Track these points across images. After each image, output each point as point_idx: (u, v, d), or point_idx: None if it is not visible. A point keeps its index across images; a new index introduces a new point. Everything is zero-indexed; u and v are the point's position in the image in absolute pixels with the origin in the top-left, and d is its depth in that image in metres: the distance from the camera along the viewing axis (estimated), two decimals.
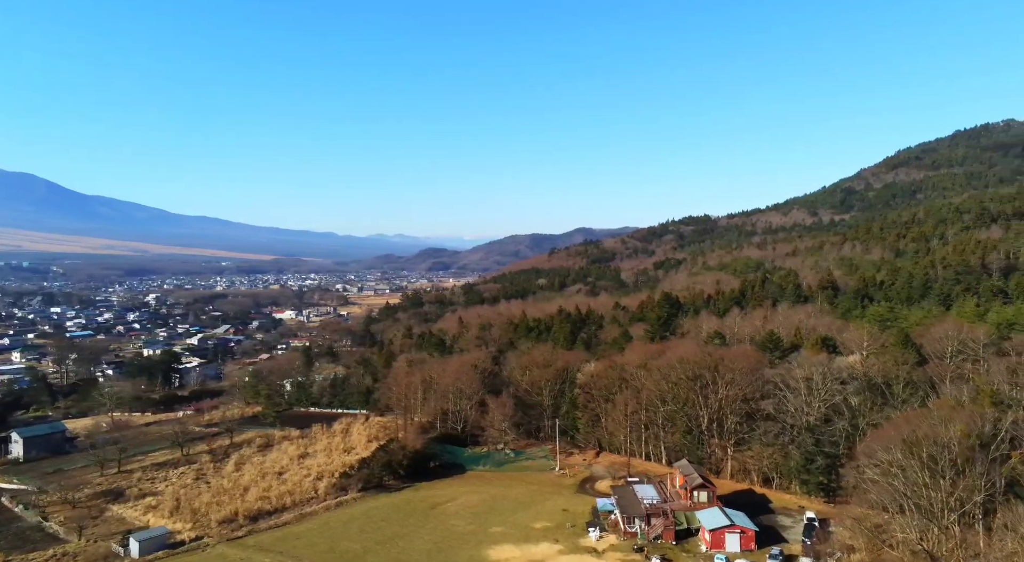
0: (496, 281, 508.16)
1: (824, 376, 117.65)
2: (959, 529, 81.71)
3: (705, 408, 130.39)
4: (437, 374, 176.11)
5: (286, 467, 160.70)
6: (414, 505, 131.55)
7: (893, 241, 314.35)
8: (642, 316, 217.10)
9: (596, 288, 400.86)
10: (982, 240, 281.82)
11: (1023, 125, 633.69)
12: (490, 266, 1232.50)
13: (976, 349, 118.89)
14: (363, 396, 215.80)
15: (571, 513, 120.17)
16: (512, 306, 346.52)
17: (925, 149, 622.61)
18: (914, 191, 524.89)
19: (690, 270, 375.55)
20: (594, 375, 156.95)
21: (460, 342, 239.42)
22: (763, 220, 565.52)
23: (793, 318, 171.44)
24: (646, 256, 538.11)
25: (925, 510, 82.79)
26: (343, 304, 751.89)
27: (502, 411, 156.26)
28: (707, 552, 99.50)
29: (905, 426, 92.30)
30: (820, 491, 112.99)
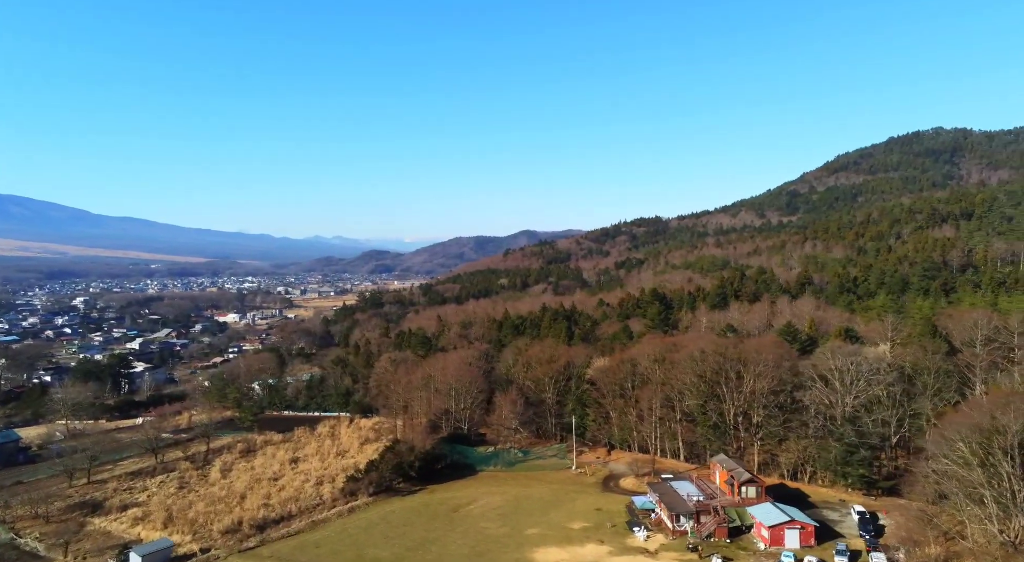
0: (454, 281, 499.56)
1: (858, 366, 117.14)
2: None
3: (731, 401, 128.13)
4: (437, 372, 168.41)
5: (279, 472, 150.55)
6: (433, 508, 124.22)
7: (852, 239, 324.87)
8: (632, 312, 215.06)
9: (559, 287, 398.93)
10: (939, 238, 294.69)
11: (950, 133, 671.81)
12: (434, 269, 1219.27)
13: (1010, 337, 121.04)
14: (342, 397, 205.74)
15: (606, 512, 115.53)
16: (479, 305, 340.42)
17: (863, 154, 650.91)
18: (855, 194, 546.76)
19: (655, 268, 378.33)
20: (604, 370, 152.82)
21: (441, 340, 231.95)
22: (713, 221, 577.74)
23: (799, 311, 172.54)
24: (601, 256, 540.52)
25: (1008, 500, 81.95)
26: (288, 307, 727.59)
27: (511, 409, 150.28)
28: (766, 549, 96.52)
29: (968, 416, 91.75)
30: (862, 484, 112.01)
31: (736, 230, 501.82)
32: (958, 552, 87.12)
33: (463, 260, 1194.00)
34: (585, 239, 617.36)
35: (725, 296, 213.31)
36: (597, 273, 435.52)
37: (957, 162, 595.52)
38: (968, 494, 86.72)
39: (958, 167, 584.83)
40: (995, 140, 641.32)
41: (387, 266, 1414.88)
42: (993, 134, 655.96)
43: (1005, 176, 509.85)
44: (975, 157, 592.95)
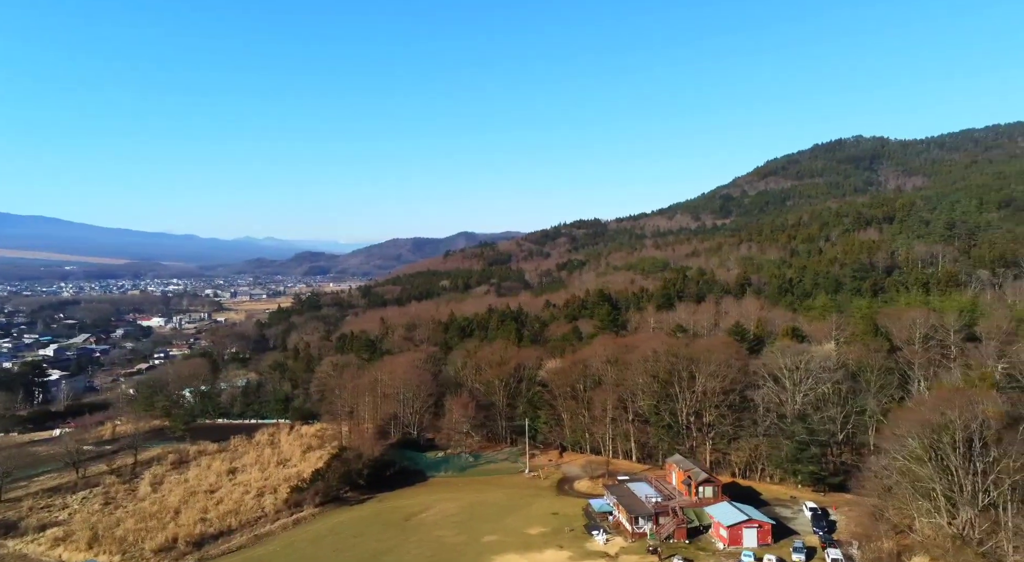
0: (394, 283, 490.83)
1: (807, 365, 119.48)
2: (993, 511, 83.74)
3: (684, 401, 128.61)
4: (384, 376, 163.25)
5: (216, 484, 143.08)
6: (385, 517, 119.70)
7: (785, 242, 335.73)
8: (579, 313, 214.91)
9: (502, 289, 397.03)
10: (865, 241, 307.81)
11: (869, 141, 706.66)
12: (371, 271, 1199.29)
13: (946, 335, 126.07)
14: (282, 404, 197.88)
15: (563, 516, 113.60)
16: (421, 307, 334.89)
17: (790, 160, 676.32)
18: (784, 198, 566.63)
19: (597, 270, 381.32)
20: (556, 372, 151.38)
21: (385, 343, 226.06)
22: (651, 223, 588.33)
23: (744, 310, 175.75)
24: (542, 258, 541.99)
25: (957, 494, 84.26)
26: (217, 310, 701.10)
27: (463, 412, 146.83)
28: (725, 549, 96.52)
29: (916, 412, 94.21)
30: (811, 480, 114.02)
31: (673, 232, 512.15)
32: (909, 546, 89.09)
33: (401, 262, 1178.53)
34: (526, 241, 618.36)
35: (670, 297, 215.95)
36: (539, 274, 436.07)
37: (876, 169, 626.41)
38: (918, 489, 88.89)
39: (877, 173, 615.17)
40: (909, 149, 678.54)
41: (322, 268, 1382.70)
42: (908, 143, 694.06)
43: (919, 183, 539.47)
44: (892, 164, 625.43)
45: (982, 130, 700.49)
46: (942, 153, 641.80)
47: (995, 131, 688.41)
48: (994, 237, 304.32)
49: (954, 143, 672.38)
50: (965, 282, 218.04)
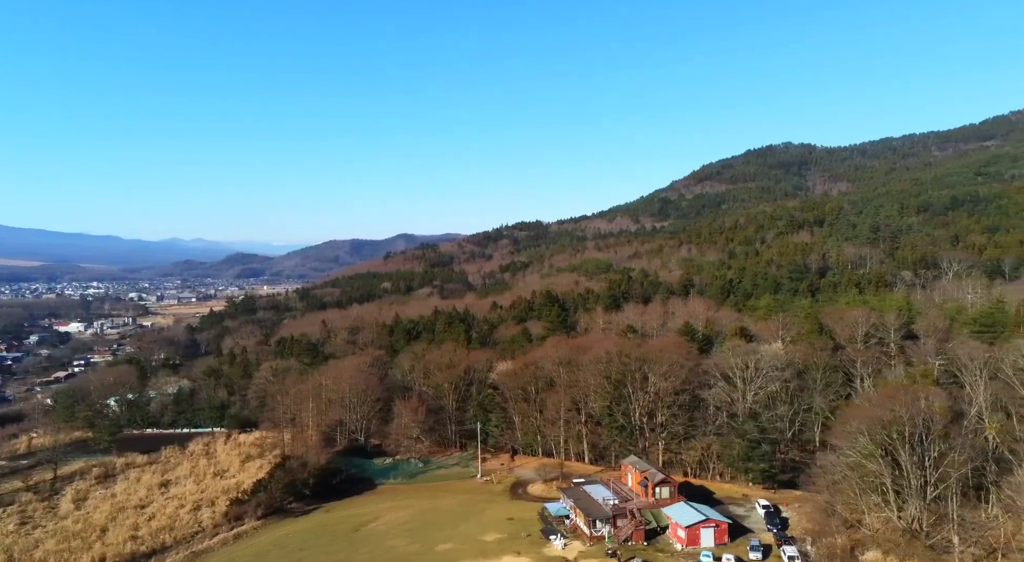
0: (333, 285, 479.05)
1: (757, 364, 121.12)
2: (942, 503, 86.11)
3: (637, 402, 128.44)
4: (328, 381, 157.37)
5: (147, 499, 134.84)
6: (333, 528, 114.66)
7: (723, 243, 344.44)
8: (527, 314, 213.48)
9: (445, 291, 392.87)
10: (798, 243, 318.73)
11: (798, 148, 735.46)
12: (307, 273, 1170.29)
13: (885, 334, 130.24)
14: (217, 411, 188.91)
15: (519, 521, 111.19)
16: (363, 310, 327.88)
17: (725, 165, 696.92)
18: (719, 202, 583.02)
19: (541, 271, 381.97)
20: (508, 374, 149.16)
21: (328, 347, 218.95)
22: (592, 226, 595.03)
23: (691, 311, 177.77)
24: (484, 259, 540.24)
25: (906, 488, 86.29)
26: (143, 314, 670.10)
27: (413, 417, 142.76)
28: (684, 549, 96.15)
29: (865, 409, 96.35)
30: (763, 478, 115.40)
31: (614, 234, 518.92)
32: (860, 540, 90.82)
33: (339, 264, 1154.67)
34: (467, 242, 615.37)
35: (617, 298, 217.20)
36: (483, 276, 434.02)
37: (804, 174, 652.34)
38: (868, 484, 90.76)
39: (805, 179, 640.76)
40: (834, 156, 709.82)
41: (255, 270, 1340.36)
42: (833, 150, 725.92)
43: (844, 188, 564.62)
44: (819, 170, 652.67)
45: (899, 139, 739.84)
46: (864, 160, 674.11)
47: (911, 140, 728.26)
48: (915, 239, 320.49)
49: (875, 151, 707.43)
50: (891, 283, 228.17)
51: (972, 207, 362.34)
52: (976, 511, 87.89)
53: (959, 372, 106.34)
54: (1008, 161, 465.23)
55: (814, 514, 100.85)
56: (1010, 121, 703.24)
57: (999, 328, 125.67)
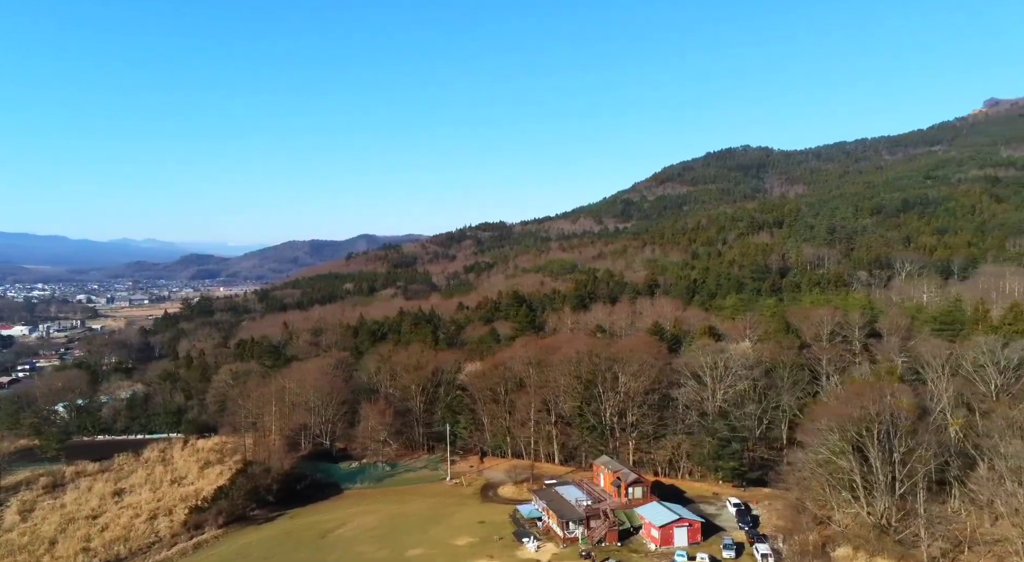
0: (294, 286, 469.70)
1: (727, 362, 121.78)
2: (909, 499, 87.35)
3: (608, 402, 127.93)
4: (292, 383, 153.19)
5: (99, 509, 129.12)
6: (298, 535, 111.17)
7: (686, 244, 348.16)
8: (494, 314, 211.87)
9: (409, 291, 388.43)
10: (759, 244, 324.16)
11: (756, 151, 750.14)
12: (266, 274, 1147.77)
13: (850, 332, 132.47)
14: (174, 416, 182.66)
15: (490, 524, 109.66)
16: (326, 311, 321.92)
17: (685, 167, 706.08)
18: (681, 203, 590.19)
19: (506, 272, 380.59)
20: (477, 375, 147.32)
21: (290, 349, 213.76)
22: (555, 226, 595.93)
23: (659, 310, 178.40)
24: (448, 260, 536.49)
25: (875, 484, 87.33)
26: (92, 317, 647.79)
27: (380, 420, 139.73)
28: (657, 550, 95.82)
29: (835, 407, 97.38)
30: (733, 476, 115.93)
31: (578, 235, 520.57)
32: (831, 536, 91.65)
33: (298, 265, 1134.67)
34: (431, 243, 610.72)
35: (584, 298, 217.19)
36: (447, 277, 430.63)
37: (762, 176, 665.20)
38: (838, 480, 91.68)
39: (763, 181, 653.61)
40: (791, 159, 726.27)
41: (211, 271, 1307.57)
42: (789, 153, 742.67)
43: (800, 190, 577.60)
44: (777, 173, 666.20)
45: (852, 143, 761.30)
46: (819, 163, 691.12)
47: (863, 144, 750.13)
48: (870, 240, 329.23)
49: (829, 154, 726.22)
50: (848, 282, 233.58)
51: (922, 209, 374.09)
52: (943, 506, 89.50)
53: (922, 369, 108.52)
54: (954, 165, 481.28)
55: (784, 511, 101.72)
56: (955, 127, 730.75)
57: (958, 326, 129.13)
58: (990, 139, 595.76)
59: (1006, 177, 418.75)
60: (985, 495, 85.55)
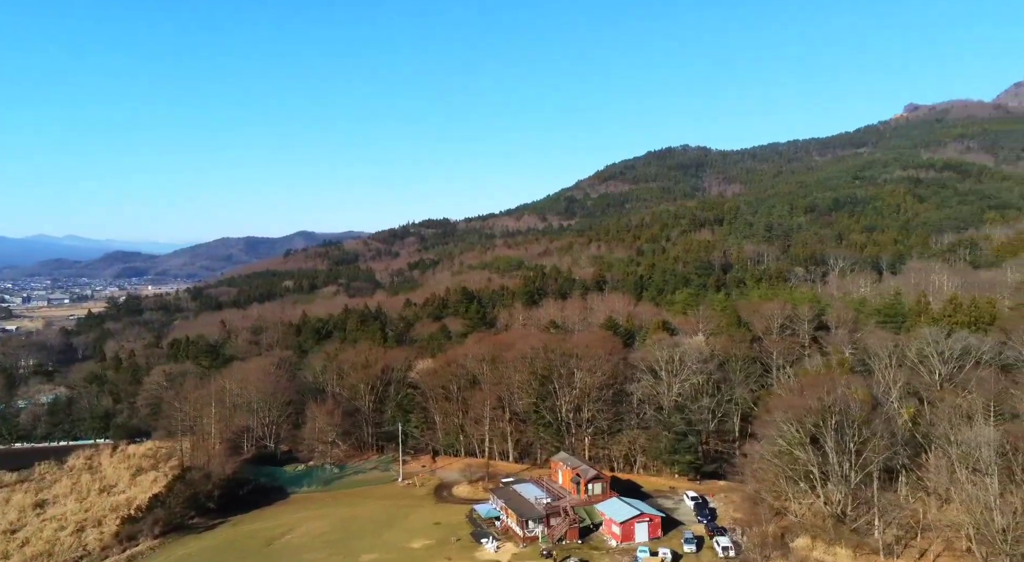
0: (229, 284, 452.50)
1: (682, 357, 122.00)
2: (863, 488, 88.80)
3: (563, 398, 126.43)
4: (233, 384, 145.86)
5: (18, 522, 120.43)
6: (242, 543, 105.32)
7: (631, 241, 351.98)
8: (442, 311, 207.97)
9: (351, 289, 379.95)
10: (701, 241, 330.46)
11: (695, 150, 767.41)
12: (198, 272, 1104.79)
13: (800, 325, 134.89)
14: (101, 421, 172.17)
15: (446, 525, 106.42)
16: (265, 309, 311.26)
17: (627, 166, 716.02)
18: (623, 201, 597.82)
19: (452, 269, 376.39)
20: (429, 373, 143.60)
21: (228, 348, 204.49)
22: (499, 224, 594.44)
23: (610, 306, 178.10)
24: (391, 257, 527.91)
25: (831, 474, 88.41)
26: (7, 317, 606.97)
27: (329, 420, 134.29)
28: (619, 546, 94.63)
29: (789, 400, 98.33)
30: (689, 470, 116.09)
31: (522, 232, 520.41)
32: (789, 527, 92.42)
33: (233, 262, 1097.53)
34: (373, 240, 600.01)
35: (533, 294, 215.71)
36: (391, 274, 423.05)
37: (701, 175, 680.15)
38: (795, 472, 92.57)
39: (702, 180, 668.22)
40: (728, 159, 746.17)
41: (138, 270, 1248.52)
42: (727, 153, 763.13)
43: (737, 190, 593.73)
44: (714, 172, 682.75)
45: (785, 144, 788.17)
46: (754, 163, 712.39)
47: (795, 145, 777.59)
48: (805, 238, 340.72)
49: (763, 155, 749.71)
50: (787, 278, 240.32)
51: (852, 208, 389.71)
52: (895, 494, 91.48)
53: (869, 360, 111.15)
54: (880, 166, 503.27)
55: (741, 504, 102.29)
56: (879, 131, 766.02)
57: (900, 318, 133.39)
58: (911, 142, 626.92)
59: (926, 178, 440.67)
60: (934, 482, 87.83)
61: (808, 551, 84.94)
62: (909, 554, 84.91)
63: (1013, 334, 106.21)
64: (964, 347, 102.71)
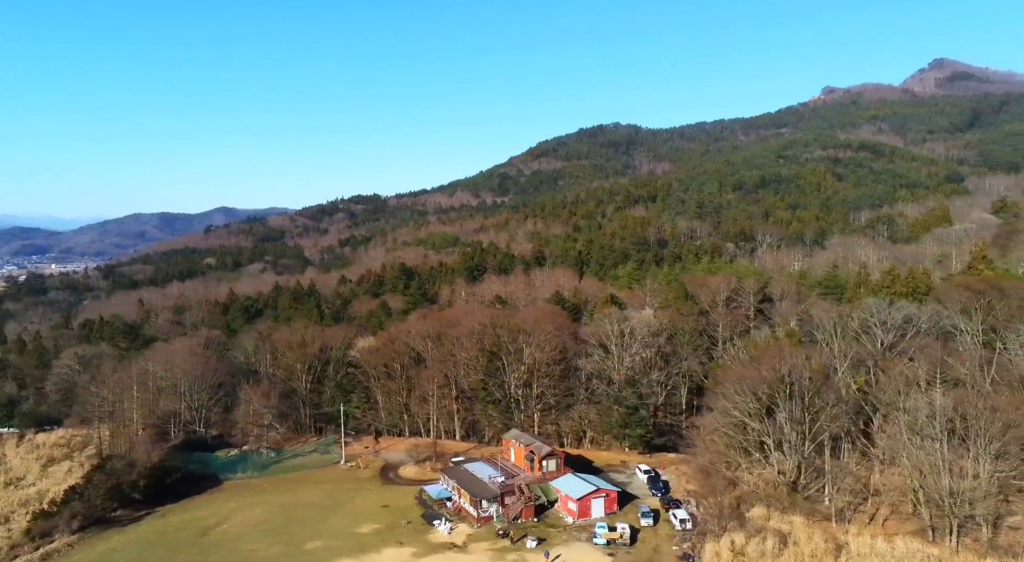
0: (144, 262, 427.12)
1: (632, 331, 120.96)
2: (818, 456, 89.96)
3: (512, 374, 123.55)
4: (157, 367, 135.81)
5: None
6: (173, 535, 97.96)
7: (567, 218, 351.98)
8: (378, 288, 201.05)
9: (279, 266, 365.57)
10: (637, 217, 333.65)
11: (625, 128, 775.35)
12: (107, 250, 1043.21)
13: (746, 298, 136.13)
14: (5, 409, 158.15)
15: (395, 508, 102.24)
16: (186, 287, 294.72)
17: (559, 143, 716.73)
18: (556, 178, 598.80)
19: (385, 245, 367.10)
20: (371, 351, 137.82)
21: (148, 328, 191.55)
22: (432, 200, 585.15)
23: (556, 281, 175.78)
24: (320, 234, 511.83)
25: (785, 444, 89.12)
26: None
27: (264, 402, 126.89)
28: (575, 522, 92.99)
29: (740, 371, 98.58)
30: (640, 444, 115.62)
31: (455, 209, 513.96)
32: (743, 497, 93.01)
33: (147, 240, 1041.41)
34: (300, 216, 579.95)
35: (473, 270, 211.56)
36: (320, 251, 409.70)
37: (632, 153, 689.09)
38: (750, 442, 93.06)
39: (632, 158, 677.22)
40: (657, 137, 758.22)
41: (39, 247, 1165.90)
42: (657, 132, 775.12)
43: (667, 168, 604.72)
44: (644, 150, 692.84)
45: (711, 124, 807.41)
46: (683, 142, 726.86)
47: (721, 125, 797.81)
48: (735, 214, 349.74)
49: (691, 134, 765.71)
50: (721, 253, 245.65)
51: (777, 186, 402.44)
52: (844, 461, 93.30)
53: (815, 331, 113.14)
54: (801, 146, 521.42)
55: (694, 475, 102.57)
56: (799, 112, 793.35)
57: (840, 290, 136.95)
58: (828, 123, 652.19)
59: (844, 158, 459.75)
60: (882, 448, 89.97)
61: (764, 520, 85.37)
62: (859, 519, 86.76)
63: (948, 304, 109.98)
64: (905, 316, 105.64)
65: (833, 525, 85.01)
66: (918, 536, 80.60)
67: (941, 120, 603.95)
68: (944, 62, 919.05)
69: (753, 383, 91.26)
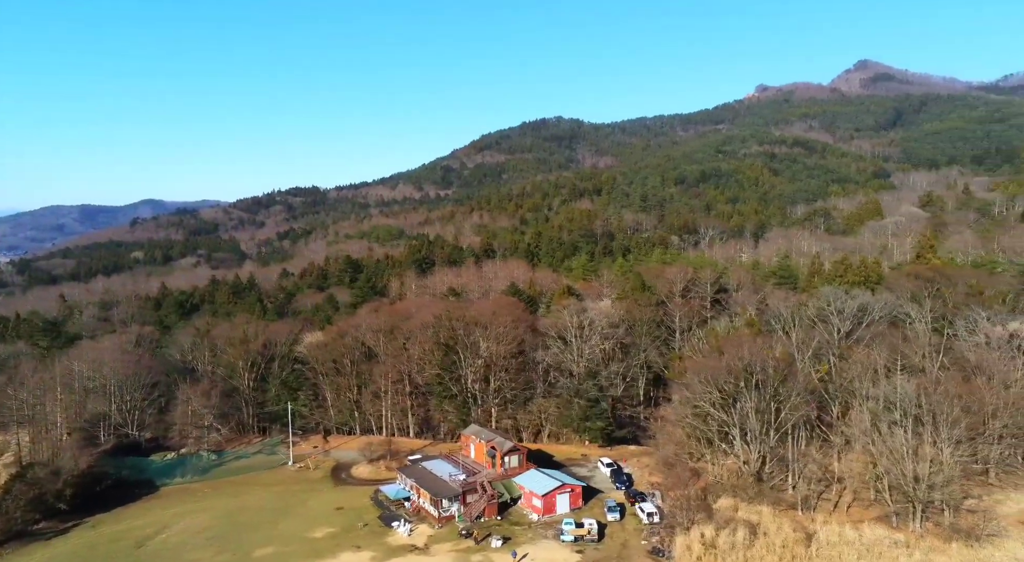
0: (64, 256, 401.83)
1: (591, 322, 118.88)
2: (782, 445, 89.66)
3: (469, 368, 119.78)
4: (83, 366, 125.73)
5: None
6: (105, 548, 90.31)
7: (514, 210, 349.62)
8: (322, 282, 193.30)
9: (213, 260, 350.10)
10: (583, 210, 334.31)
11: (568, 122, 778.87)
12: (21, 244, 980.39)
13: (702, 288, 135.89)
14: None
15: (350, 510, 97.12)
16: (113, 282, 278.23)
17: (503, 136, 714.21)
18: (500, 171, 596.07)
19: (327, 238, 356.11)
20: (319, 346, 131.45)
21: (71, 325, 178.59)
22: (374, 193, 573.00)
23: (509, 273, 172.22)
24: (256, 227, 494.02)
25: (750, 434, 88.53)
26: None
27: (204, 402, 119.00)
28: (541, 519, 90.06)
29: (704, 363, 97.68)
30: (601, 437, 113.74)
31: (398, 202, 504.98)
32: (707, 488, 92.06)
33: (65, 233, 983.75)
34: (234, 209, 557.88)
35: (422, 262, 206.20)
36: (257, 244, 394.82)
37: (574, 147, 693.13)
38: (715, 432, 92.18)
39: (575, 151, 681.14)
40: (600, 132, 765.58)
41: None
42: (599, 126, 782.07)
43: (609, 162, 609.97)
44: (587, 144, 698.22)
45: (652, 119, 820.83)
46: (624, 137, 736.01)
47: (661, 120, 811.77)
48: (678, 208, 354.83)
49: (633, 129, 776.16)
50: (667, 245, 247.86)
51: (717, 181, 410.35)
52: (807, 449, 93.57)
53: (773, 320, 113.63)
54: (738, 142, 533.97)
55: (657, 467, 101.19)
56: (735, 109, 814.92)
57: (793, 279, 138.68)
58: (763, 120, 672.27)
59: (779, 153, 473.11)
60: (846, 435, 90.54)
61: (732, 511, 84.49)
62: (823, 507, 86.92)
63: (898, 292, 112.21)
64: (860, 305, 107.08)
65: (800, 514, 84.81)
66: (882, 522, 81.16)
67: (867, 119, 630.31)
68: (868, 63, 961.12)
69: (716, 373, 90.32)
